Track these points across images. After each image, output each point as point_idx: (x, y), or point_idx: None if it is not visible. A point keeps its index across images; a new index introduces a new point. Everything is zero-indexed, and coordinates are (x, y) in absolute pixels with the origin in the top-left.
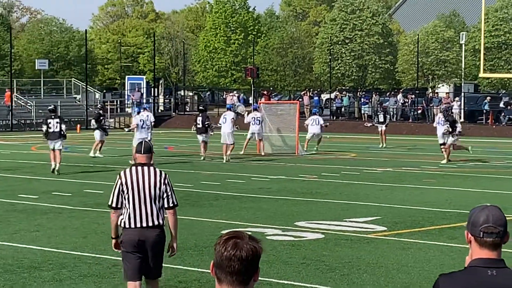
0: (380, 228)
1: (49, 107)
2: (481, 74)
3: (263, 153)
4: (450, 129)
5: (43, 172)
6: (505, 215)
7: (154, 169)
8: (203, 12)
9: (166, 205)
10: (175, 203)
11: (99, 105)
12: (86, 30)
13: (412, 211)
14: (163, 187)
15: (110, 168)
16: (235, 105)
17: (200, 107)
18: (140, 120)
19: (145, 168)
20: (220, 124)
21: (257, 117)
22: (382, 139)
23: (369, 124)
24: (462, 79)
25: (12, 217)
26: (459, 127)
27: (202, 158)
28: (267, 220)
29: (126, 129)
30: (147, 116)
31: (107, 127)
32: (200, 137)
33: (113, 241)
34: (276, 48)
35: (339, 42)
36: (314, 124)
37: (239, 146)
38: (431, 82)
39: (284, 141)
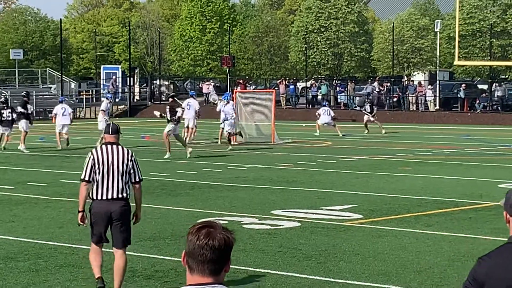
0: (356, 216)
1: (1, 99)
2: (456, 62)
3: (235, 142)
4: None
5: (18, 162)
6: (480, 202)
7: (122, 147)
8: (178, 1)
9: (133, 180)
10: (141, 178)
11: (24, 92)
12: (61, 19)
13: (388, 198)
14: (130, 163)
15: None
16: (209, 93)
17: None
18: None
19: (114, 146)
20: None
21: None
22: (366, 126)
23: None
24: (437, 67)
25: None
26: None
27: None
28: (244, 209)
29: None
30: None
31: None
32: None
33: (79, 214)
34: (251, 37)
35: (315, 31)
36: (325, 114)
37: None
38: (406, 70)
39: (260, 130)
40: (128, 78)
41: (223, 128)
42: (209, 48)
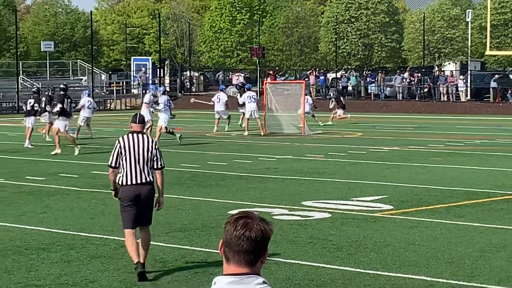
0: (386, 206)
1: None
2: (488, 52)
3: (262, 133)
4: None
5: (50, 154)
6: None
7: (147, 136)
8: None
9: (155, 166)
10: (163, 165)
11: (35, 88)
12: (91, 11)
13: (418, 189)
14: (154, 151)
15: None
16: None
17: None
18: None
19: (140, 135)
20: (212, 102)
21: (252, 96)
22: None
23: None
24: (469, 57)
25: (20, 199)
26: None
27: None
28: (274, 200)
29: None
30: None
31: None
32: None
33: (113, 192)
34: (281, 28)
35: (345, 21)
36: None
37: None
38: (437, 60)
39: (290, 121)
40: (158, 70)
41: (248, 118)
42: (239, 39)
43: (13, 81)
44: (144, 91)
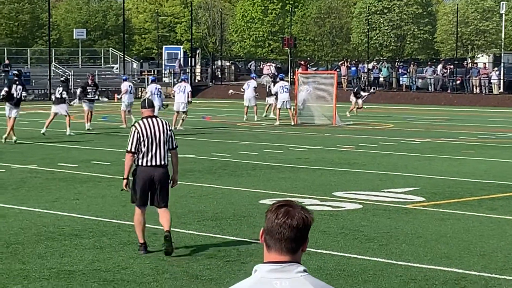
0: (418, 198)
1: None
2: None
3: (292, 123)
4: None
5: (81, 141)
6: None
7: (161, 119)
8: None
9: (171, 147)
10: (177, 145)
11: (63, 77)
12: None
13: (450, 182)
14: (169, 132)
15: None
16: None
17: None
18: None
19: (154, 119)
20: (243, 90)
21: (285, 86)
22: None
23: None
24: (502, 49)
25: (52, 185)
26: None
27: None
28: (305, 190)
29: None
30: (184, 87)
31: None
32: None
33: (124, 181)
34: (313, 18)
35: (377, 12)
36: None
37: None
38: (470, 53)
39: (321, 111)
40: (189, 59)
41: (279, 108)
42: (271, 29)
43: (45, 68)
44: (176, 80)
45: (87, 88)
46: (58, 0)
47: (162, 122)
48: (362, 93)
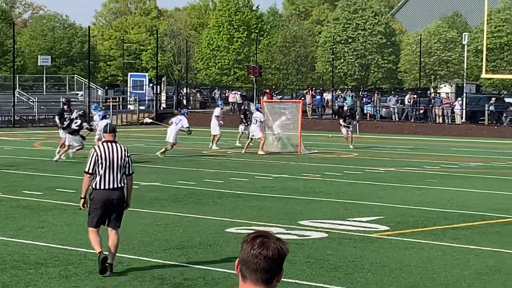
0: (383, 227)
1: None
2: (483, 75)
3: (260, 152)
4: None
5: (46, 169)
6: (507, 216)
7: (120, 145)
8: (206, 10)
9: (127, 172)
10: (133, 171)
11: (64, 99)
12: (89, 26)
13: (414, 211)
14: (126, 159)
15: None
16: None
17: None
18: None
19: (113, 144)
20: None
21: (255, 117)
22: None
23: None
24: (464, 80)
25: (17, 213)
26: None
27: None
28: (271, 219)
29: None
30: (180, 120)
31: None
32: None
33: (82, 200)
34: (279, 47)
35: (342, 41)
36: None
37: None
38: (433, 82)
39: (286, 140)
40: (155, 86)
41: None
42: (236, 57)
43: (9, 94)
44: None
45: (64, 114)
46: (23, 26)
47: (121, 147)
48: (353, 122)
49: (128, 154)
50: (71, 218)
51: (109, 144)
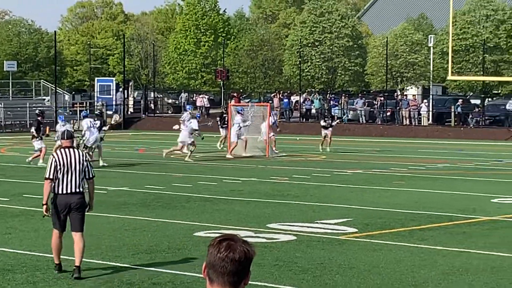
0: (351, 229)
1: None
2: (449, 77)
3: (228, 156)
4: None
5: (13, 174)
6: (474, 216)
7: (78, 150)
8: (172, 14)
9: (87, 176)
10: (93, 175)
11: (38, 111)
12: (55, 31)
13: (382, 212)
14: (85, 163)
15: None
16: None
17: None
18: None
19: (71, 150)
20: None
21: (236, 120)
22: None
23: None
24: (431, 82)
25: None
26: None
27: None
28: (240, 222)
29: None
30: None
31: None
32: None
33: (44, 206)
34: (246, 50)
35: (309, 45)
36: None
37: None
38: (399, 85)
39: (254, 143)
40: (122, 91)
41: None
42: (204, 61)
43: None
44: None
45: (40, 126)
46: None
47: (79, 153)
48: (333, 123)
49: (87, 158)
50: (38, 224)
51: (67, 150)
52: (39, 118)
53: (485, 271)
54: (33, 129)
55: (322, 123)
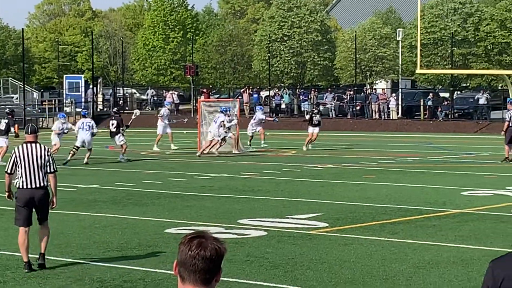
0: (322, 224)
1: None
2: (418, 70)
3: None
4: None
5: None
6: (444, 210)
7: (40, 145)
8: (141, 10)
9: (49, 171)
10: (55, 169)
11: (8, 109)
12: (22, 29)
13: (353, 207)
14: (47, 157)
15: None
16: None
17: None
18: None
19: (33, 144)
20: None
21: (216, 117)
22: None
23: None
24: (399, 75)
25: None
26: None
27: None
28: (210, 218)
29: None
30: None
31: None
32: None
33: (7, 193)
34: (215, 46)
35: (278, 40)
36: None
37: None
38: (369, 79)
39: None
40: (91, 88)
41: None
42: (173, 57)
43: None
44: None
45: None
46: None
47: (41, 147)
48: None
49: (49, 153)
50: (8, 223)
51: (29, 144)
52: (9, 116)
53: (455, 264)
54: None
55: (314, 120)
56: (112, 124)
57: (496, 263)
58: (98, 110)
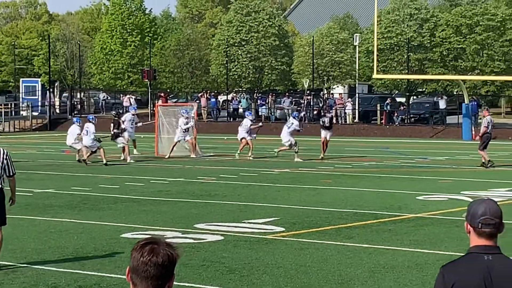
0: (278, 228)
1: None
2: (375, 75)
3: (166, 156)
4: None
5: None
6: (399, 214)
7: (1, 148)
8: (98, 14)
9: (7, 174)
10: (14, 172)
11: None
12: None
13: (309, 211)
14: (5, 161)
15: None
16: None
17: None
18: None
19: None
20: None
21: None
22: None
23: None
24: (356, 80)
25: None
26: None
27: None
28: (167, 223)
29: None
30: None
31: None
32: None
33: None
34: (173, 50)
35: (236, 44)
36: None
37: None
38: (326, 83)
39: (181, 143)
40: (48, 92)
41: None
42: (130, 61)
43: None
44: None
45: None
46: None
47: (1, 150)
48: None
49: (7, 157)
50: None
51: None
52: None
53: (410, 268)
54: None
55: (325, 122)
56: (113, 127)
57: (446, 268)
58: (55, 114)
